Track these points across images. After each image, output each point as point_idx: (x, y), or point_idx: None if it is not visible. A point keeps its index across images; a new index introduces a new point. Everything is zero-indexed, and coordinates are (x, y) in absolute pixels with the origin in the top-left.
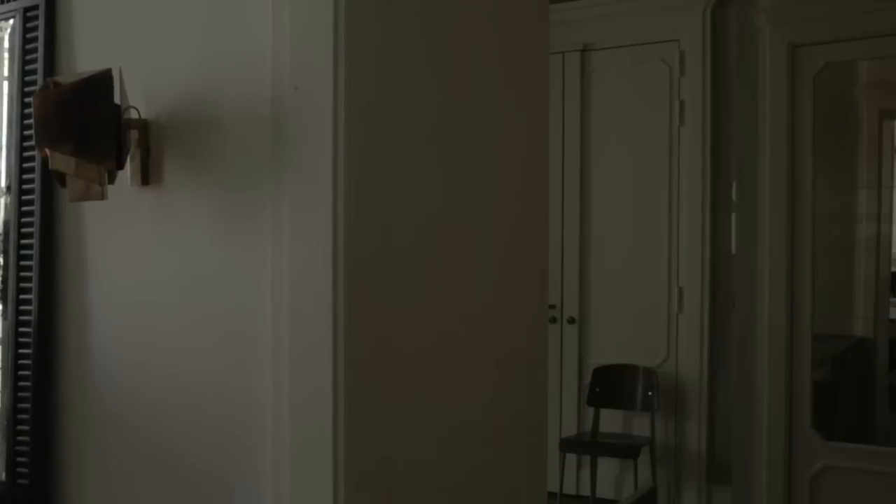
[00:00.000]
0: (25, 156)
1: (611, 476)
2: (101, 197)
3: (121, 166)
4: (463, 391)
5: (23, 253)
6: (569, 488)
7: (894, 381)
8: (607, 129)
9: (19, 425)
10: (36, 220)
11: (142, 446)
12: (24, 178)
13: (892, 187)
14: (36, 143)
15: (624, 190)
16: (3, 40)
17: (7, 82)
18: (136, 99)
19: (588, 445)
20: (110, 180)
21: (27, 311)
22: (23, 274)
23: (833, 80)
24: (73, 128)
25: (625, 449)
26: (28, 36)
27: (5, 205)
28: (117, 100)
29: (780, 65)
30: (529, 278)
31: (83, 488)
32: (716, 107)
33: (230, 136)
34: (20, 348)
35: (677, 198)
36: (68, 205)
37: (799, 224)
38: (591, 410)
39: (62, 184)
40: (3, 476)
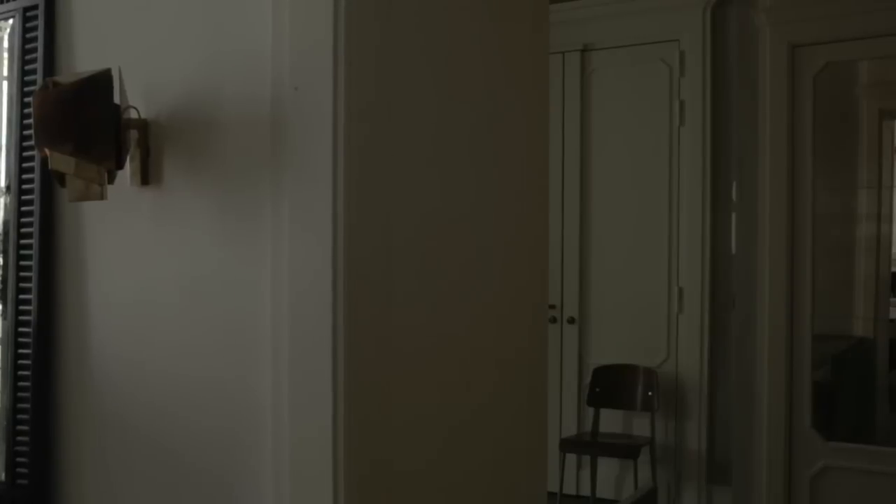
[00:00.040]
0: (25, 156)
1: (611, 476)
2: (101, 197)
3: (120, 166)
4: (463, 391)
5: (22, 253)
6: (569, 488)
7: (894, 381)
8: (607, 129)
9: (19, 425)
10: (35, 220)
11: (141, 446)
12: (24, 178)
13: (892, 187)
14: (35, 143)
15: (624, 190)
16: (3, 40)
17: (7, 82)
18: (136, 99)
19: (588, 445)
20: (110, 180)
21: (27, 311)
22: (22, 274)
23: (833, 80)
24: (73, 128)
25: (625, 449)
26: (28, 36)
27: (5, 205)
28: (117, 100)
29: (780, 65)
30: (529, 278)
31: (83, 488)
32: (716, 107)
33: (230, 136)
34: (20, 348)
35: (677, 198)
36: (68, 205)
37: (799, 224)
38: (591, 410)
39: (62, 184)
40: (3, 476)
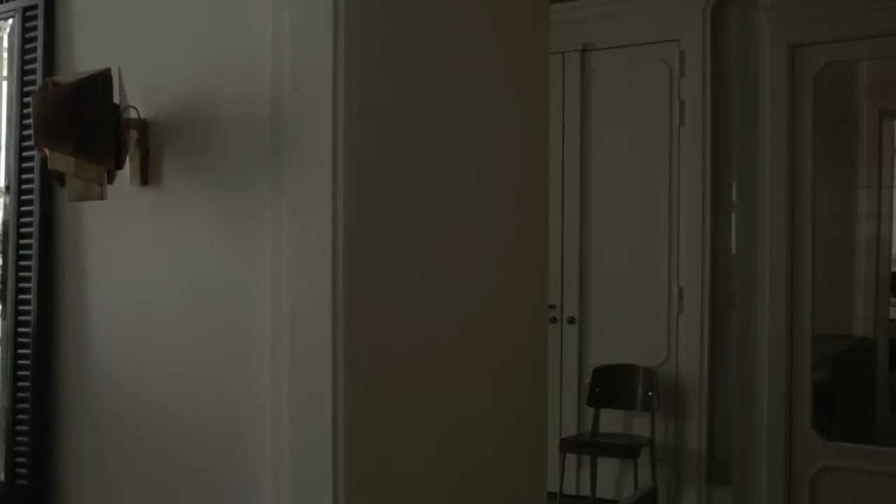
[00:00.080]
0: (24, 156)
1: (611, 476)
2: (101, 197)
3: (120, 166)
4: (463, 391)
5: (22, 253)
6: (569, 488)
7: (894, 381)
8: (607, 129)
9: (18, 425)
10: (35, 220)
11: (141, 446)
12: (24, 178)
13: (892, 187)
14: (35, 143)
15: (624, 190)
16: (3, 40)
17: (6, 82)
18: (136, 99)
19: (588, 445)
20: (109, 180)
21: (26, 311)
22: (22, 274)
23: (833, 80)
24: (73, 128)
25: (625, 449)
26: (27, 36)
27: (4, 205)
28: (116, 99)
29: (780, 65)
30: (529, 278)
31: (82, 488)
32: (716, 107)
33: (229, 136)
34: (19, 348)
35: (677, 198)
36: (67, 205)
37: (799, 224)
38: (591, 410)
39: (61, 184)
40: (3, 476)
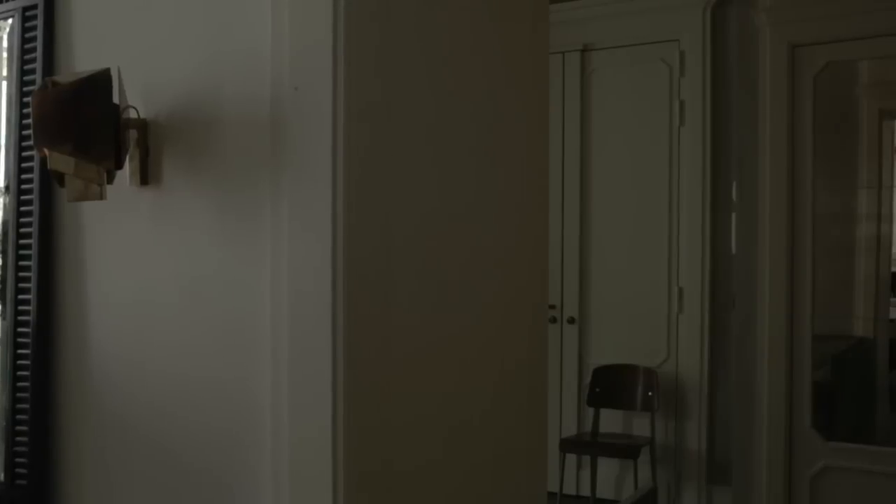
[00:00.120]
0: (24, 155)
1: (611, 476)
2: (100, 197)
3: (119, 166)
4: (463, 391)
5: (21, 253)
6: (569, 488)
7: (894, 381)
8: (607, 129)
9: (18, 425)
10: (34, 220)
11: (140, 446)
12: (23, 178)
13: (892, 187)
14: (35, 143)
15: (624, 190)
16: (2, 40)
17: (6, 82)
18: (135, 99)
19: (588, 445)
20: (109, 180)
21: (26, 311)
22: (21, 274)
23: (833, 80)
24: (72, 127)
25: (625, 449)
26: (27, 35)
27: (4, 205)
28: (116, 99)
29: (780, 65)
30: (529, 278)
31: (82, 488)
32: (716, 107)
33: (229, 135)
34: (19, 348)
35: (677, 198)
36: (67, 205)
37: (799, 224)
38: (591, 410)
39: (61, 184)
40: (2, 476)
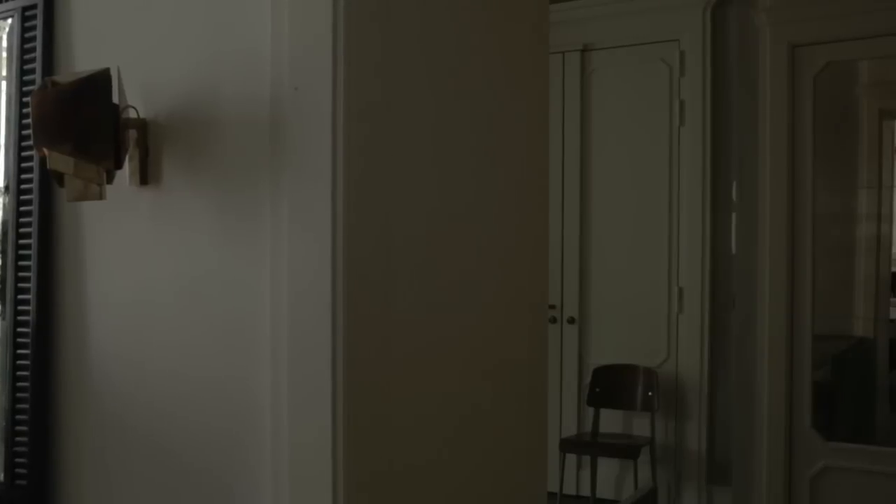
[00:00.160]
0: (24, 155)
1: (611, 476)
2: (100, 197)
3: (119, 166)
4: (463, 391)
5: (21, 253)
6: (569, 488)
7: (894, 381)
8: (607, 129)
9: (17, 426)
10: (34, 220)
11: (140, 446)
12: (23, 178)
13: (892, 187)
14: (34, 143)
15: (624, 190)
16: (2, 40)
17: (5, 82)
18: (135, 98)
19: (588, 445)
20: (109, 180)
21: (25, 311)
22: (21, 274)
23: (833, 80)
24: (72, 127)
25: (625, 449)
26: (26, 35)
27: (3, 204)
28: (116, 99)
29: (780, 65)
30: (529, 278)
31: (81, 488)
32: (716, 107)
33: (229, 135)
34: (18, 348)
35: (677, 198)
36: (66, 205)
37: (799, 224)
38: (591, 410)
39: (60, 183)
40: (2, 476)
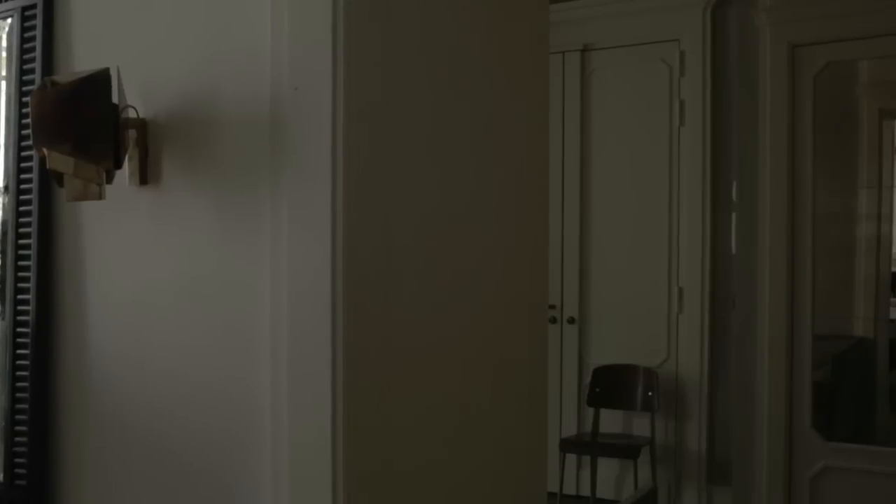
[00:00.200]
0: (23, 155)
1: (611, 476)
2: (99, 197)
3: (119, 166)
4: (463, 391)
5: (20, 253)
6: (569, 488)
7: (894, 381)
8: (607, 129)
9: (17, 426)
10: (34, 220)
11: (140, 446)
12: (22, 178)
13: (893, 187)
14: (34, 143)
15: (624, 190)
16: (1, 39)
17: (5, 82)
18: (135, 98)
19: (588, 445)
20: (108, 180)
21: (25, 311)
22: (20, 274)
23: (833, 80)
24: (71, 127)
25: (625, 449)
26: (26, 35)
27: (3, 204)
28: (115, 99)
29: (780, 65)
30: (529, 278)
31: (81, 488)
32: (716, 107)
33: (229, 135)
34: (18, 348)
35: (677, 198)
36: (66, 204)
37: (799, 224)
38: (591, 410)
39: (60, 183)
40: (1, 477)
